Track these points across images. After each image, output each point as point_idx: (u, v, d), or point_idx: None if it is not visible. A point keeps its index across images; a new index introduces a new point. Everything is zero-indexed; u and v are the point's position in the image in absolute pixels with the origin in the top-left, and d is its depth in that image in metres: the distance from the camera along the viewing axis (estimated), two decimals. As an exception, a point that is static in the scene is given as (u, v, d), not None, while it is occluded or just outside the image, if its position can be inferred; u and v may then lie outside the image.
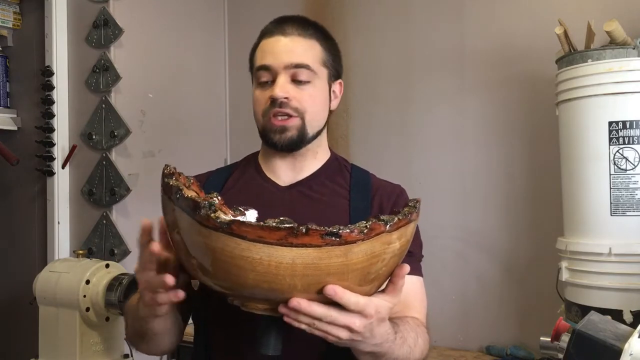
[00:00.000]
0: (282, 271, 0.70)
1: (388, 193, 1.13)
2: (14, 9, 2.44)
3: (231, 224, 0.70)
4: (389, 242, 0.76)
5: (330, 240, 0.70)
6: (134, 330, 1.03)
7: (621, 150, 1.54)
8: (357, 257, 0.73)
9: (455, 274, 2.25)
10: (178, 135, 2.56)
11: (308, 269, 0.71)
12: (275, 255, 0.70)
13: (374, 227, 0.73)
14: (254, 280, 0.72)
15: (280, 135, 1.06)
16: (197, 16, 2.72)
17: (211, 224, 0.70)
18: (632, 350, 0.81)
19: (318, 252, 0.70)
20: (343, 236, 0.70)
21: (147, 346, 1.04)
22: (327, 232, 0.70)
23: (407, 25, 2.39)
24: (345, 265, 0.72)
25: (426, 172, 2.31)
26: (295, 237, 0.69)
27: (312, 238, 0.69)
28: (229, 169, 1.21)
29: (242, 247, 0.70)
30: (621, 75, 1.54)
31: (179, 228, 0.77)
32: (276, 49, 1.07)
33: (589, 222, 1.60)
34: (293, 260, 0.70)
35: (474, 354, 2.16)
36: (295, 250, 0.70)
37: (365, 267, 0.75)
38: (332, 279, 0.73)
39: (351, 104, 2.52)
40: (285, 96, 1.04)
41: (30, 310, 2.02)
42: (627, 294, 1.50)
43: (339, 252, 0.71)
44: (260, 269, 0.70)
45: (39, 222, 2.37)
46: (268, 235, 0.69)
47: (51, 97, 2.31)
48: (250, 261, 0.70)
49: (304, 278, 0.72)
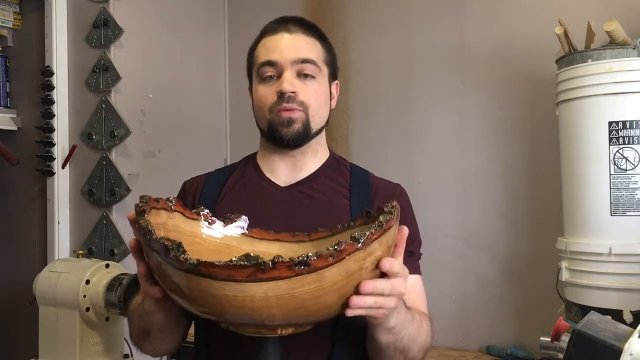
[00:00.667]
0: (257, 304, 0.71)
1: (387, 192, 1.13)
2: (14, 9, 2.44)
3: (199, 265, 0.70)
4: (364, 257, 0.75)
5: (300, 269, 0.69)
6: (139, 328, 1.03)
7: (621, 150, 1.54)
8: (332, 279, 0.72)
9: (455, 274, 2.25)
10: (178, 135, 2.56)
11: (282, 299, 0.71)
12: (247, 291, 0.70)
13: (345, 249, 0.71)
14: (234, 314, 0.73)
15: (288, 128, 1.06)
16: (197, 16, 2.72)
17: (181, 265, 0.71)
18: (632, 350, 0.81)
19: (289, 282, 0.70)
20: (312, 264, 0.69)
21: (152, 344, 1.04)
22: (295, 262, 0.69)
23: (407, 25, 2.39)
24: (321, 289, 0.72)
25: (426, 172, 2.31)
26: (263, 273, 0.69)
27: (281, 271, 0.69)
28: (228, 169, 1.20)
29: (214, 286, 0.70)
30: (621, 75, 1.54)
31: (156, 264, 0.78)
32: (282, 45, 1.08)
33: (589, 222, 1.60)
34: (266, 294, 0.70)
35: (474, 354, 2.16)
36: (265, 284, 0.69)
37: (344, 286, 0.74)
38: (310, 303, 0.72)
39: (351, 104, 2.52)
40: (293, 90, 1.05)
41: (30, 310, 2.02)
42: (627, 294, 1.50)
43: (310, 279, 0.70)
44: (236, 304, 0.71)
45: (39, 222, 2.37)
46: (236, 273, 0.69)
47: (51, 97, 2.31)
48: (225, 298, 0.71)
49: (281, 307, 0.72)
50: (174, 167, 2.46)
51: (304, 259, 0.69)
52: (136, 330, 1.05)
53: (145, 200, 0.83)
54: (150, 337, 1.01)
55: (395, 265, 0.79)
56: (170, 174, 2.38)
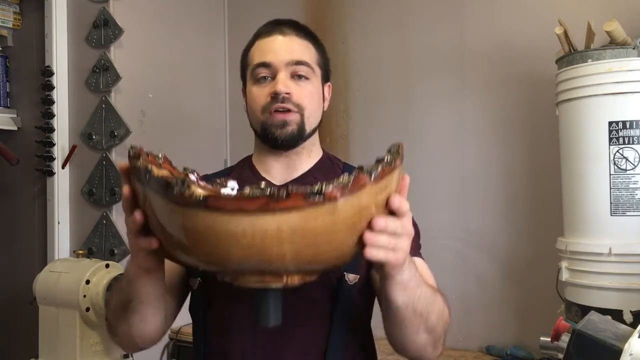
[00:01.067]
0: (268, 240, 0.66)
1: None
2: (14, 9, 2.44)
3: (207, 198, 0.65)
4: (375, 192, 0.73)
5: (314, 200, 0.66)
6: (117, 303, 0.99)
7: (621, 150, 1.54)
8: (345, 213, 0.69)
9: (455, 274, 2.25)
10: (178, 135, 2.56)
11: (295, 234, 0.67)
12: (258, 225, 0.65)
13: (357, 180, 0.69)
14: (241, 254, 0.68)
15: (282, 129, 1.06)
16: (197, 16, 2.72)
17: (185, 201, 0.66)
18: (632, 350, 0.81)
19: (303, 214, 0.66)
20: (327, 194, 0.66)
21: (128, 323, 0.97)
22: (309, 192, 0.66)
23: (407, 25, 2.39)
24: (334, 224, 0.69)
25: (426, 172, 2.31)
26: (277, 203, 0.65)
27: (295, 201, 0.65)
28: (225, 171, 1.22)
29: (221, 221, 0.66)
30: (621, 75, 1.54)
31: (154, 211, 0.73)
32: (276, 46, 1.08)
33: (589, 222, 1.59)
34: (278, 227, 0.66)
35: (474, 354, 2.16)
36: (278, 216, 0.65)
37: (356, 222, 0.72)
38: (322, 239, 0.69)
39: (351, 104, 2.52)
40: (287, 91, 1.05)
41: (30, 310, 2.02)
42: (627, 294, 1.50)
43: (325, 210, 0.67)
44: (244, 242, 0.66)
45: (39, 222, 2.37)
46: (247, 204, 0.65)
47: (51, 97, 2.31)
48: (233, 235, 0.66)
49: (293, 243, 0.67)
50: (174, 167, 2.46)
51: (319, 189, 0.66)
52: (114, 306, 1.01)
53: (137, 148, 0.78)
54: (128, 312, 0.96)
55: (404, 202, 0.78)
56: (170, 174, 2.37)
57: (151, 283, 0.91)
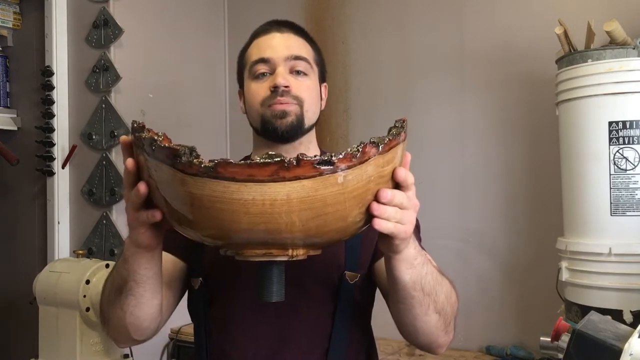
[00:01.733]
0: (277, 209, 0.67)
1: None
2: (14, 9, 2.44)
3: (217, 166, 0.66)
4: (382, 164, 0.74)
5: (324, 168, 0.67)
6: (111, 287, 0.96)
7: (621, 150, 1.54)
8: (352, 183, 0.70)
9: (455, 275, 2.22)
10: (178, 135, 2.53)
11: (304, 203, 0.67)
12: (268, 193, 0.66)
13: (365, 151, 0.70)
14: (249, 223, 0.68)
15: (282, 120, 1.06)
16: (197, 16, 2.72)
17: (195, 170, 0.66)
18: (632, 350, 0.81)
19: (313, 182, 0.67)
20: (336, 163, 0.67)
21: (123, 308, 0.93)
22: (319, 160, 0.67)
23: (407, 25, 2.39)
24: (342, 193, 0.70)
25: (426, 172, 2.31)
26: (287, 171, 0.66)
27: (305, 169, 0.66)
28: None
29: (231, 189, 0.66)
30: (621, 75, 1.54)
31: (158, 183, 0.73)
32: (274, 43, 1.09)
33: (589, 222, 1.59)
34: (288, 196, 0.66)
35: (474, 354, 2.16)
36: (288, 184, 0.66)
37: (363, 194, 0.73)
38: (330, 209, 0.70)
39: (351, 104, 2.52)
40: (286, 84, 1.05)
41: (30, 310, 2.02)
42: (627, 294, 1.50)
43: (333, 180, 0.68)
44: (254, 210, 0.67)
45: (39, 222, 2.37)
46: (258, 172, 0.65)
47: (51, 97, 2.31)
48: (243, 203, 0.66)
49: (302, 213, 0.68)
50: (174, 167, 2.46)
51: (328, 157, 0.67)
52: (108, 291, 0.97)
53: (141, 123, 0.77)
54: (122, 294, 0.92)
55: (409, 174, 0.80)
56: (170, 174, 2.37)
57: (149, 262, 0.88)
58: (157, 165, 0.71)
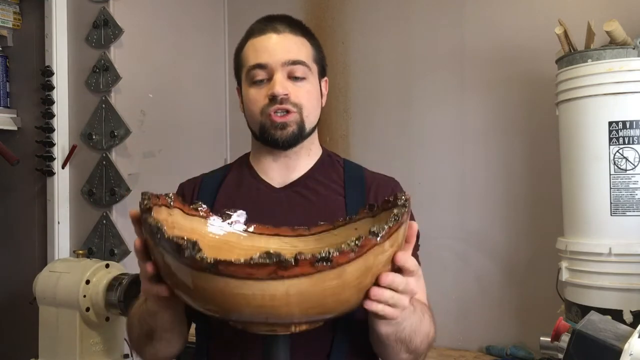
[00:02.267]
0: (277, 302, 0.69)
1: (383, 186, 1.12)
2: (14, 9, 2.44)
3: (217, 264, 0.68)
4: (381, 251, 0.75)
5: (322, 266, 0.68)
6: (140, 331, 1.01)
7: (621, 150, 1.54)
8: (352, 275, 0.72)
9: (455, 274, 2.25)
10: (178, 135, 2.56)
11: (303, 296, 0.70)
12: (268, 290, 0.68)
13: (365, 244, 0.71)
14: (251, 314, 0.71)
15: (282, 131, 1.06)
16: (197, 16, 2.72)
17: (197, 265, 0.69)
18: (632, 350, 0.81)
19: (311, 279, 0.69)
20: (334, 260, 0.68)
21: (155, 348, 1.00)
22: (317, 259, 0.68)
23: (407, 25, 2.39)
24: (342, 285, 0.71)
25: (426, 172, 2.31)
26: (285, 270, 0.67)
27: (303, 268, 0.68)
28: (223, 170, 1.20)
29: (232, 285, 0.69)
30: (621, 75, 1.54)
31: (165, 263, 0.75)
32: (270, 46, 1.06)
33: (589, 222, 1.60)
34: (287, 292, 0.69)
35: (474, 354, 2.16)
36: (287, 281, 0.68)
37: (362, 281, 0.74)
38: (329, 300, 0.72)
39: (351, 104, 2.52)
40: (285, 93, 1.04)
41: (30, 310, 2.02)
42: (627, 294, 1.50)
43: (332, 275, 0.70)
44: (254, 303, 0.69)
45: (39, 222, 2.37)
46: (257, 272, 0.67)
47: (51, 97, 2.31)
48: (244, 297, 0.69)
49: (300, 304, 0.71)
50: (174, 167, 2.46)
51: (326, 255, 0.68)
52: (137, 334, 1.02)
53: (148, 197, 0.80)
54: (154, 339, 0.98)
55: (409, 260, 0.79)
56: (170, 174, 2.37)
57: (174, 314, 0.93)
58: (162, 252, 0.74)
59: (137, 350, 1.06)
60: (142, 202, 0.79)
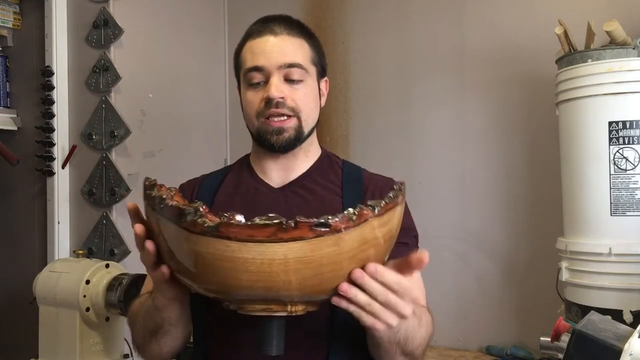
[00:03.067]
0: (275, 268, 0.70)
1: (380, 187, 1.12)
2: (14, 9, 2.44)
3: (219, 226, 0.69)
4: (378, 226, 0.76)
5: (320, 231, 0.70)
6: (145, 328, 1.01)
7: (621, 150, 1.54)
8: (349, 244, 0.73)
9: (455, 274, 2.25)
10: (178, 135, 2.56)
11: (301, 263, 0.71)
12: (266, 253, 0.70)
13: (362, 214, 0.73)
14: (248, 281, 0.72)
15: (278, 136, 1.06)
16: (197, 16, 2.72)
17: (198, 229, 0.70)
18: (632, 350, 0.81)
19: (309, 244, 0.70)
20: (332, 225, 0.70)
21: (159, 344, 1.00)
22: (315, 223, 0.70)
23: (407, 25, 2.39)
24: (338, 254, 0.72)
25: (426, 172, 2.31)
26: (285, 232, 0.69)
27: (302, 231, 0.69)
28: (223, 171, 1.20)
29: (232, 248, 0.70)
30: (621, 75, 1.54)
31: (165, 238, 0.77)
32: (267, 49, 1.06)
33: (589, 222, 1.60)
34: (285, 256, 0.70)
35: (474, 354, 2.16)
36: (286, 245, 0.69)
37: (357, 254, 0.75)
38: (326, 269, 0.73)
39: (351, 104, 2.52)
40: (281, 96, 1.04)
41: (30, 310, 2.02)
42: (627, 294, 1.50)
43: (330, 241, 0.71)
44: (252, 268, 0.70)
45: (39, 222, 2.37)
46: (257, 233, 0.69)
47: (51, 97, 2.31)
48: (242, 262, 0.70)
49: (298, 272, 0.71)
50: (174, 167, 2.46)
51: (325, 220, 0.70)
52: (141, 331, 1.02)
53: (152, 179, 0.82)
54: (159, 335, 0.98)
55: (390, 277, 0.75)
56: (170, 174, 2.36)
57: (181, 307, 0.93)
58: (164, 222, 0.75)
59: (140, 348, 1.06)
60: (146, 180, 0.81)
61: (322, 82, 1.15)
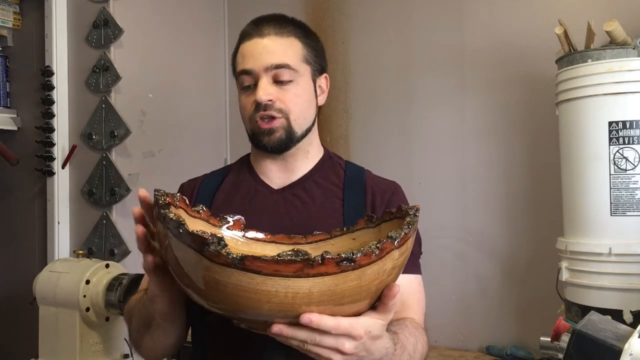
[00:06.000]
0: (298, 300, 0.71)
1: (382, 190, 1.11)
2: (14, 9, 2.44)
3: (244, 260, 0.68)
4: (396, 257, 0.77)
5: (345, 266, 0.71)
6: (139, 321, 1.01)
7: (621, 150, 1.54)
8: (370, 277, 0.74)
9: (455, 274, 2.25)
10: (178, 135, 2.56)
11: (324, 295, 0.71)
12: (292, 287, 0.70)
13: (385, 247, 0.74)
14: (268, 310, 0.72)
15: (269, 137, 1.06)
16: (197, 16, 2.72)
17: (222, 260, 0.69)
18: (632, 350, 0.81)
19: (334, 279, 0.71)
20: (357, 261, 0.71)
21: (153, 338, 1.00)
22: (342, 258, 0.70)
23: (407, 25, 2.39)
24: (359, 286, 0.73)
25: (426, 172, 2.31)
26: (311, 268, 0.69)
27: (328, 267, 0.70)
28: (223, 171, 1.20)
29: (257, 281, 0.69)
30: (621, 75, 1.54)
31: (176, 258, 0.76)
32: (255, 51, 1.06)
33: (589, 222, 1.60)
34: (310, 290, 0.70)
35: (474, 354, 2.16)
36: (312, 280, 0.70)
37: (376, 284, 0.76)
38: (347, 300, 0.74)
39: (351, 104, 2.52)
40: (268, 99, 1.04)
41: (30, 310, 2.02)
42: (627, 294, 1.50)
43: (353, 276, 0.72)
44: (275, 300, 0.70)
45: (39, 222, 2.37)
46: (284, 268, 0.68)
47: (51, 97, 2.31)
48: (266, 294, 0.70)
49: (320, 304, 0.72)
50: (174, 167, 2.46)
51: (350, 255, 0.71)
52: (136, 324, 1.03)
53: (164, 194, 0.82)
54: (152, 328, 0.98)
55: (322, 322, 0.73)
56: (170, 174, 2.38)
57: (173, 300, 0.93)
58: (181, 246, 0.74)
59: (135, 342, 1.06)
60: (159, 198, 0.80)
61: (321, 79, 1.14)
